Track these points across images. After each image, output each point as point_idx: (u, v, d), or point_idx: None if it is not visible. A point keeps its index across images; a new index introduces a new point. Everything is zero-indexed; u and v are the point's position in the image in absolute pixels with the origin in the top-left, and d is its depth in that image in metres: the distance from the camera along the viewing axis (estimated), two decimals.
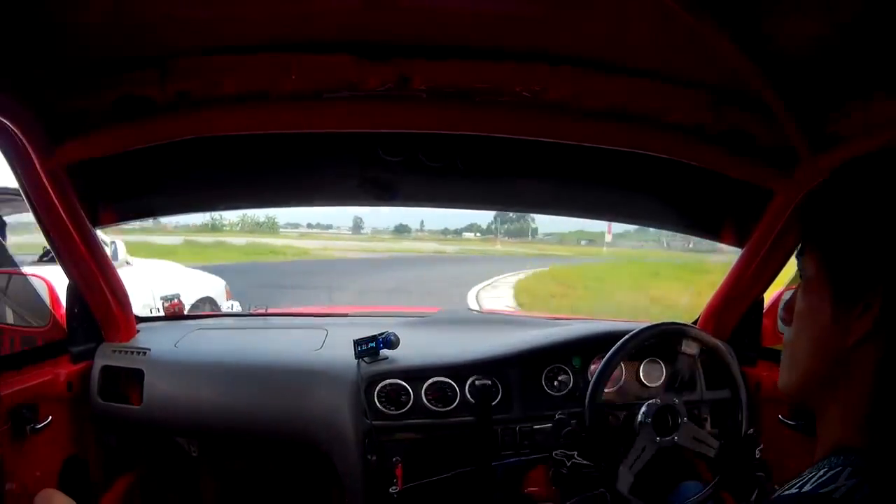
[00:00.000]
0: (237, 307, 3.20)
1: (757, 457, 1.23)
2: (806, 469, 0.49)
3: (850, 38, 0.83)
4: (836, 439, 0.49)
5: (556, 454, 1.31)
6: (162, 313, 1.86)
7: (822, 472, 0.46)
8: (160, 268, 4.81)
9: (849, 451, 0.47)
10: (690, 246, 18.71)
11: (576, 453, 1.29)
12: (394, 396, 1.35)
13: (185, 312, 1.95)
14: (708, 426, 1.34)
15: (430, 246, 23.97)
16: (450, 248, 23.84)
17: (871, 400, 0.47)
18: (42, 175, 1.13)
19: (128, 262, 4.21)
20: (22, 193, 1.18)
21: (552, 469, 1.33)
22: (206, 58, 1.05)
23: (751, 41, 0.88)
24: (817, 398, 0.51)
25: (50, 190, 1.15)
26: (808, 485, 0.46)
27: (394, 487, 1.29)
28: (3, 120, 1.01)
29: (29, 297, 1.44)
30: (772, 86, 0.97)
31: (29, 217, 1.21)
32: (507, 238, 30.56)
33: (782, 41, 0.88)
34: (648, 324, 1.34)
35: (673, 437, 1.26)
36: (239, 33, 1.02)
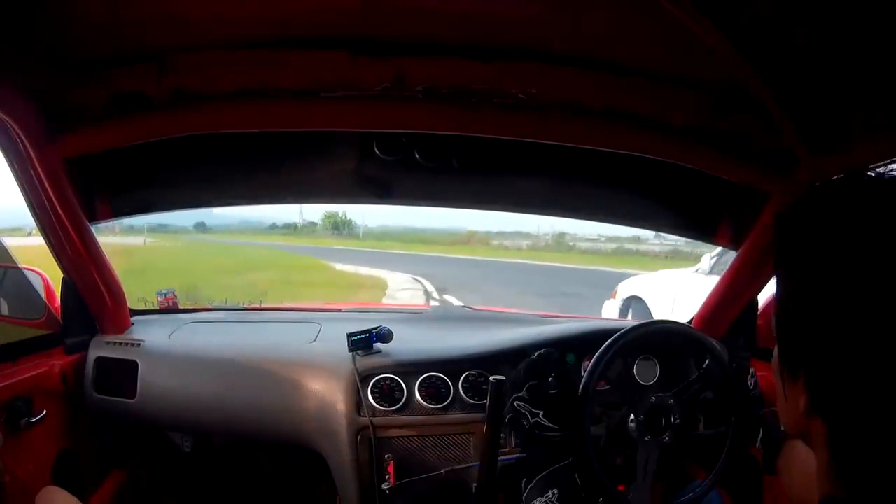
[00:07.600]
0: None
1: (751, 388, 1.12)
2: None
3: (850, 41, 0.83)
4: (821, 493, 0.47)
5: (517, 404, 1.19)
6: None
7: None
8: None
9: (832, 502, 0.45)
10: None
11: (541, 413, 1.20)
12: (388, 392, 1.36)
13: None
14: (702, 427, 1.35)
15: None
16: None
17: (830, 469, 0.46)
18: (39, 169, 1.13)
19: None
20: (18, 187, 1.18)
21: (509, 420, 1.19)
22: (204, 54, 1.06)
23: (749, 43, 0.88)
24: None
25: (46, 184, 1.16)
26: None
27: (386, 484, 1.30)
28: (0, 114, 1.01)
29: (24, 289, 1.45)
30: (770, 88, 0.97)
31: None
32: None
33: (781, 44, 0.88)
34: (641, 322, 1.34)
35: (665, 437, 1.26)
36: (237, 30, 1.02)
